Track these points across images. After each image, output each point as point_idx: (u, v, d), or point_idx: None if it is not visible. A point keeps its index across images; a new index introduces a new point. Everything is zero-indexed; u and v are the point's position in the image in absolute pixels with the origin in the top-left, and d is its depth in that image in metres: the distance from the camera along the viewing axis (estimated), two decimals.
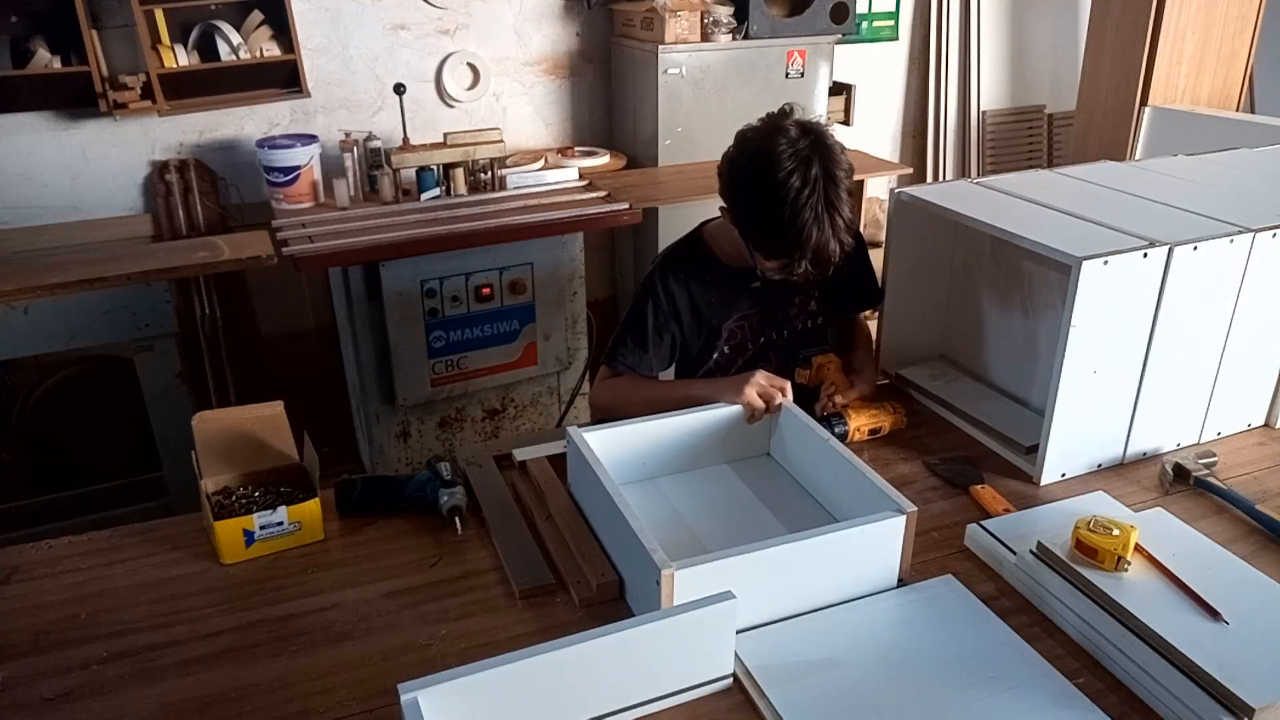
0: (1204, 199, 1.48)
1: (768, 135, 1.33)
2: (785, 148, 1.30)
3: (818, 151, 1.31)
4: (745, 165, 1.35)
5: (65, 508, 2.52)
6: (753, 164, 1.33)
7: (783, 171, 1.29)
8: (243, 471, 1.28)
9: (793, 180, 1.28)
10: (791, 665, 1.00)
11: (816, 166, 1.29)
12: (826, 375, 1.51)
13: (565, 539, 1.20)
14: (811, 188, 1.29)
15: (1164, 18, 3.20)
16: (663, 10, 2.97)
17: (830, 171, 1.31)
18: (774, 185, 1.29)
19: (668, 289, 1.52)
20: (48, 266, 2.26)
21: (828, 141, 1.33)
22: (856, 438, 1.43)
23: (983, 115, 4.08)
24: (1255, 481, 1.35)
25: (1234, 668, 0.92)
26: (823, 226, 1.30)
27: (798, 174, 1.29)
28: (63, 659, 1.03)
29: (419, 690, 0.82)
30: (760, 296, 1.54)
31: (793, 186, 1.28)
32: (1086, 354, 1.28)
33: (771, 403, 1.34)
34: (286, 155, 2.66)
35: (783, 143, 1.31)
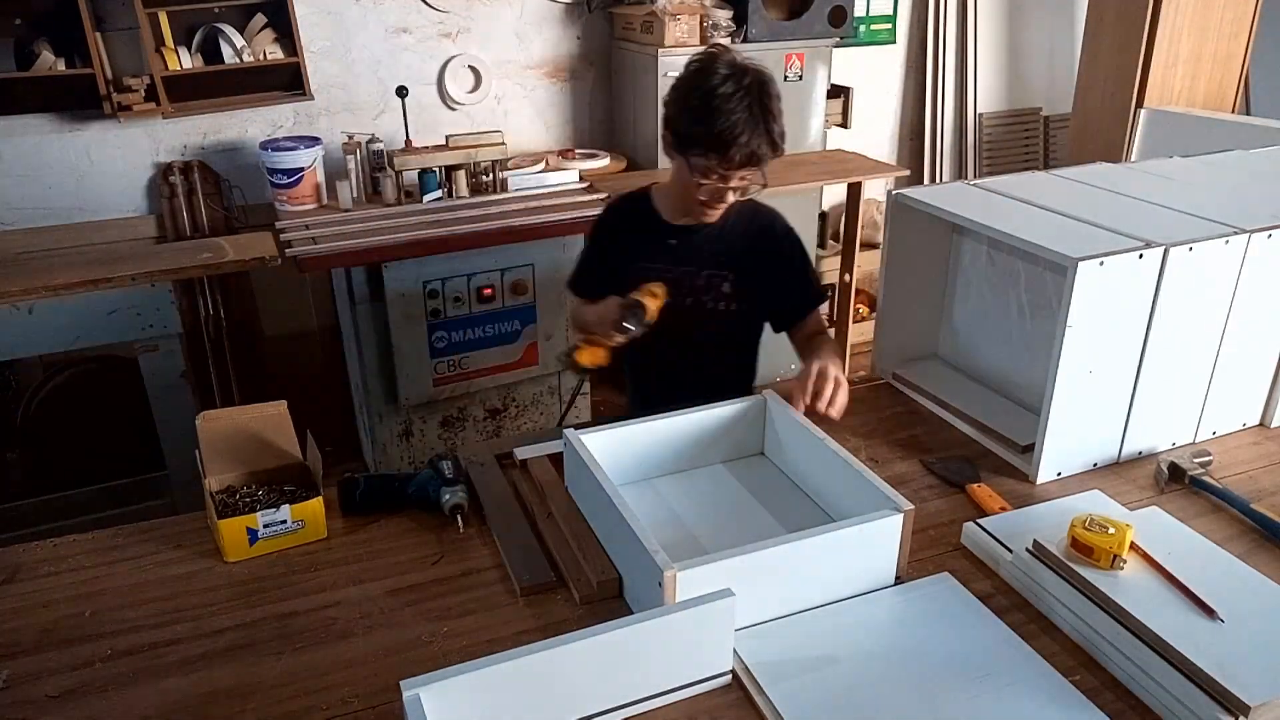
0: (1199, 200, 1.48)
1: (707, 56, 1.46)
2: (722, 66, 1.42)
3: (752, 69, 1.43)
4: (685, 77, 1.46)
5: (69, 507, 2.52)
6: (691, 75, 1.45)
7: (717, 77, 1.40)
8: (246, 470, 1.29)
9: (726, 85, 1.39)
10: (790, 663, 1.01)
11: (750, 77, 1.41)
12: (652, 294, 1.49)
13: (566, 537, 1.21)
14: (745, 91, 1.39)
15: (1160, 20, 3.21)
16: (662, 14, 2.98)
17: (763, 83, 1.42)
18: (709, 89, 1.40)
19: (608, 222, 1.72)
20: (52, 267, 2.27)
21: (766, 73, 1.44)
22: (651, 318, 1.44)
23: (979, 118, 4.09)
24: (1250, 480, 1.36)
25: (1230, 665, 0.93)
26: (756, 125, 1.39)
27: (732, 80, 1.40)
28: (67, 657, 1.03)
29: (421, 687, 0.83)
30: (674, 255, 1.61)
31: (726, 89, 1.39)
32: (1082, 354, 1.28)
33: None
34: (290, 157, 2.67)
35: (720, 62, 1.43)
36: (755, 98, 1.39)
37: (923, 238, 1.62)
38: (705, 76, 1.41)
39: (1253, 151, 1.87)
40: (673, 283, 1.57)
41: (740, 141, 1.39)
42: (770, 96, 1.41)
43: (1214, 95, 3.46)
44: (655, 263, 1.60)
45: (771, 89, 1.43)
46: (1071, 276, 1.22)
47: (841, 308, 3.49)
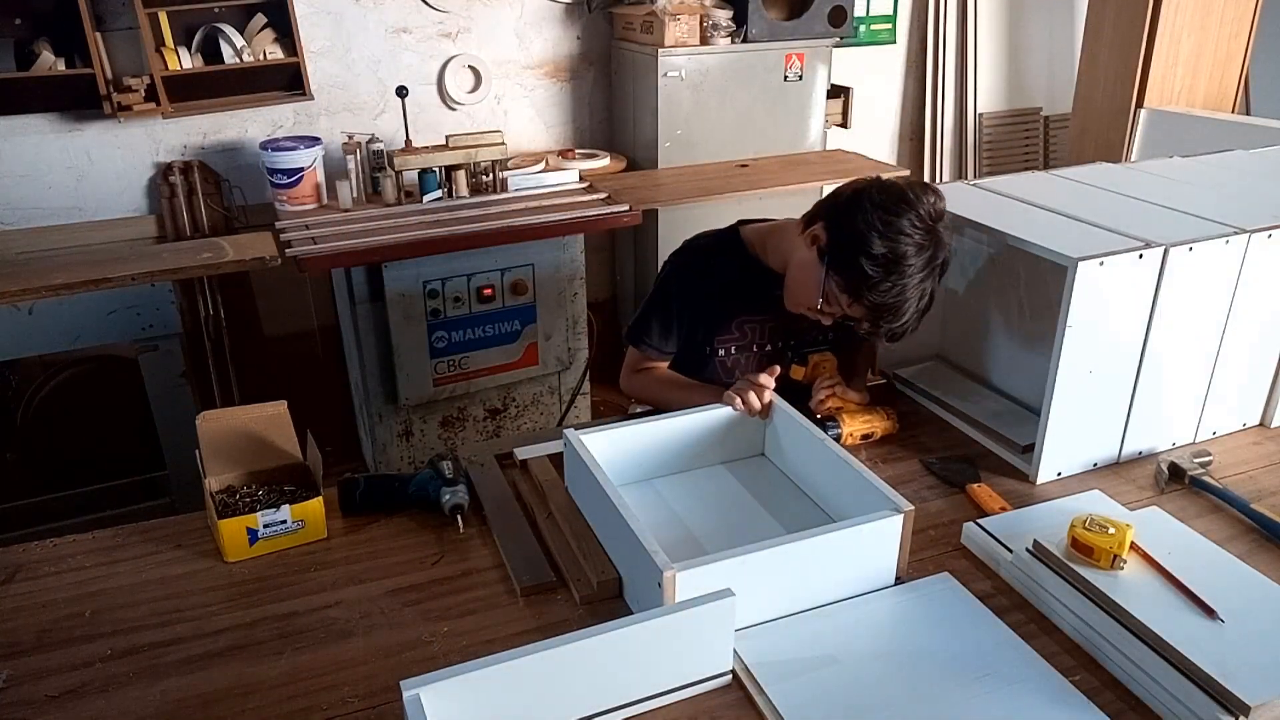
0: (1199, 200, 1.48)
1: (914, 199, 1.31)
2: (927, 214, 1.29)
3: (945, 239, 1.32)
4: (880, 204, 1.30)
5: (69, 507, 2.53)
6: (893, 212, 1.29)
7: (911, 245, 1.27)
8: (246, 470, 1.29)
9: (922, 256, 1.28)
10: (790, 662, 1.01)
11: (944, 254, 1.31)
12: (822, 373, 1.51)
13: (566, 537, 1.21)
14: (929, 271, 1.30)
15: (1160, 20, 3.21)
16: (662, 14, 2.98)
17: (945, 263, 1.33)
18: (899, 255, 1.27)
19: (694, 270, 1.53)
20: (52, 267, 2.27)
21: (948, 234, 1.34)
22: (849, 442, 1.43)
23: (979, 118, 4.10)
24: (1250, 480, 1.36)
25: (1230, 665, 0.93)
26: (918, 306, 1.31)
27: (926, 252, 1.29)
28: (67, 657, 1.03)
29: (421, 687, 0.83)
30: (781, 306, 1.51)
31: (919, 263, 1.28)
32: (1082, 354, 1.28)
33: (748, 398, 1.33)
34: (290, 157, 2.67)
35: (925, 209, 1.29)
36: (931, 281, 1.30)
37: None
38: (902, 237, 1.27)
39: (1253, 151, 1.87)
40: (776, 330, 1.55)
41: (890, 318, 1.30)
42: (939, 279, 1.32)
43: (1214, 95, 3.46)
44: (760, 314, 1.53)
45: (943, 268, 1.33)
46: (1071, 276, 1.22)
47: None
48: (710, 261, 1.54)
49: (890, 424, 1.47)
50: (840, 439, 1.42)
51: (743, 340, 1.57)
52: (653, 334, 1.55)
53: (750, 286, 1.53)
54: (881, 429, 1.46)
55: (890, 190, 1.32)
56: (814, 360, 1.53)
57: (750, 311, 1.55)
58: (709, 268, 1.54)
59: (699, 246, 1.57)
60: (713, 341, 1.56)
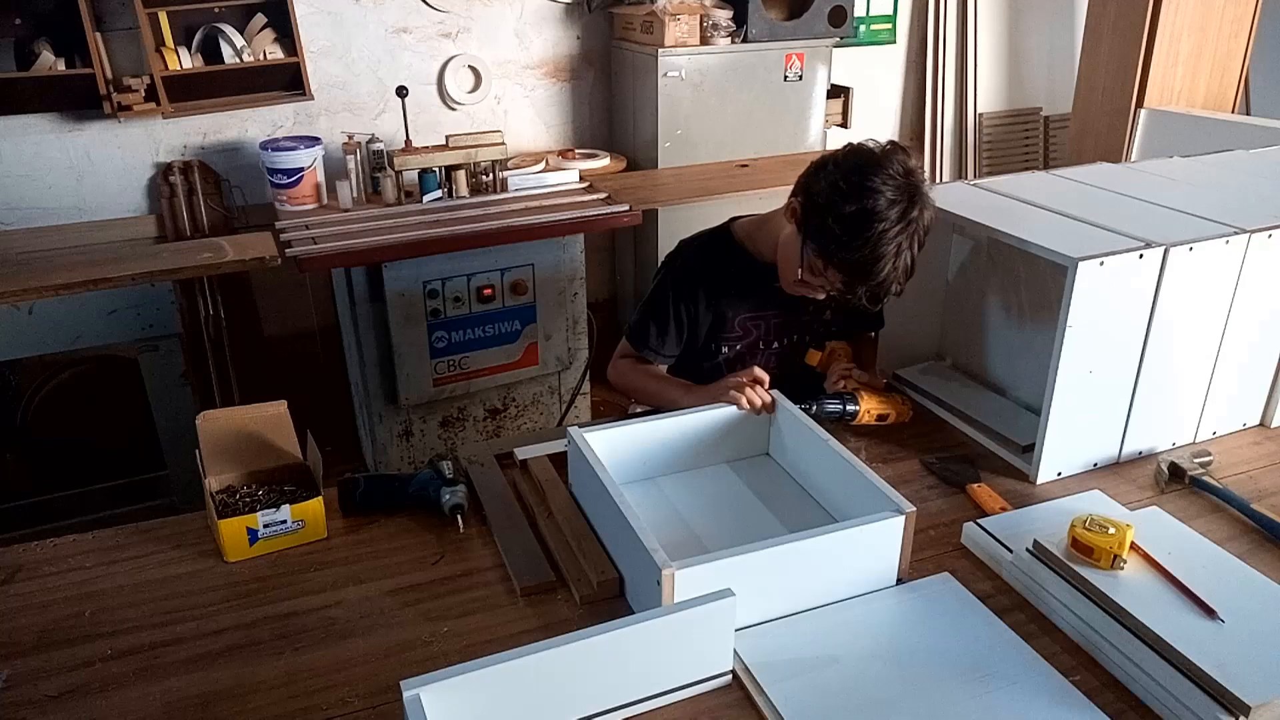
0: (1199, 200, 1.48)
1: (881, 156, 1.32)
2: (897, 172, 1.29)
3: (921, 194, 1.30)
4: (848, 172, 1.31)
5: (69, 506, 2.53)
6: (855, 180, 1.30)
7: (883, 200, 1.27)
8: (246, 470, 1.29)
9: (894, 210, 1.27)
10: (790, 662, 1.01)
11: (918, 209, 1.29)
12: (838, 358, 1.53)
13: (566, 537, 1.21)
14: (904, 225, 1.28)
15: (1160, 20, 3.21)
16: (662, 14, 2.98)
17: (926, 221, 1.31)
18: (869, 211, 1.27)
19: (691, 272, 1.53)
20: (52, 267, 2.27)
21: (926, 188, 1.32)
22: (865, 419, 1.44)
23: (979, 118, 4.10)
24: (1250, 480, 1.36)
25: (1230, 665, 0.93)
26: (896, 265, 1.30)
27: (899, 205, 1.28)
28: (67, 657, 1.03)
29: (421, 687, 0.83)
30: (780, 299, 1.52)
31: (892, 216, 1.27)
32: (1083, 354, 1.28)
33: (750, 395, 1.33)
34: (290, 157, 2.67)
35: (895, 168, 1.29)
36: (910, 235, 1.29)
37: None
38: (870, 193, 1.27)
39: (1253, 151, 1.87)
40: (781, 326, 1.55)
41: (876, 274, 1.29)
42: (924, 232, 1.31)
43: (1214, 95, 3.46)
44: (760, 311, 1.53)
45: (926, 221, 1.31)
46: (1071, 276, 1.22)
47: None
48: (705, 262, 1.54)
49: (906, 409, 1.48)
50: (857, 415, 1.43)
51: (747, 338, 1.57)
52: (650, 338, 1.55)
53: (747, 284, 1.53)
54: (896, 413, 1.47)
55: (858, 152, 1.34)
56: (830, 346, 1.53)
57: (750, 309, 1.55)
58: (704, 269, 1.53)
59: (692, 247, 1.57)
60: (716, 341, 1.56)
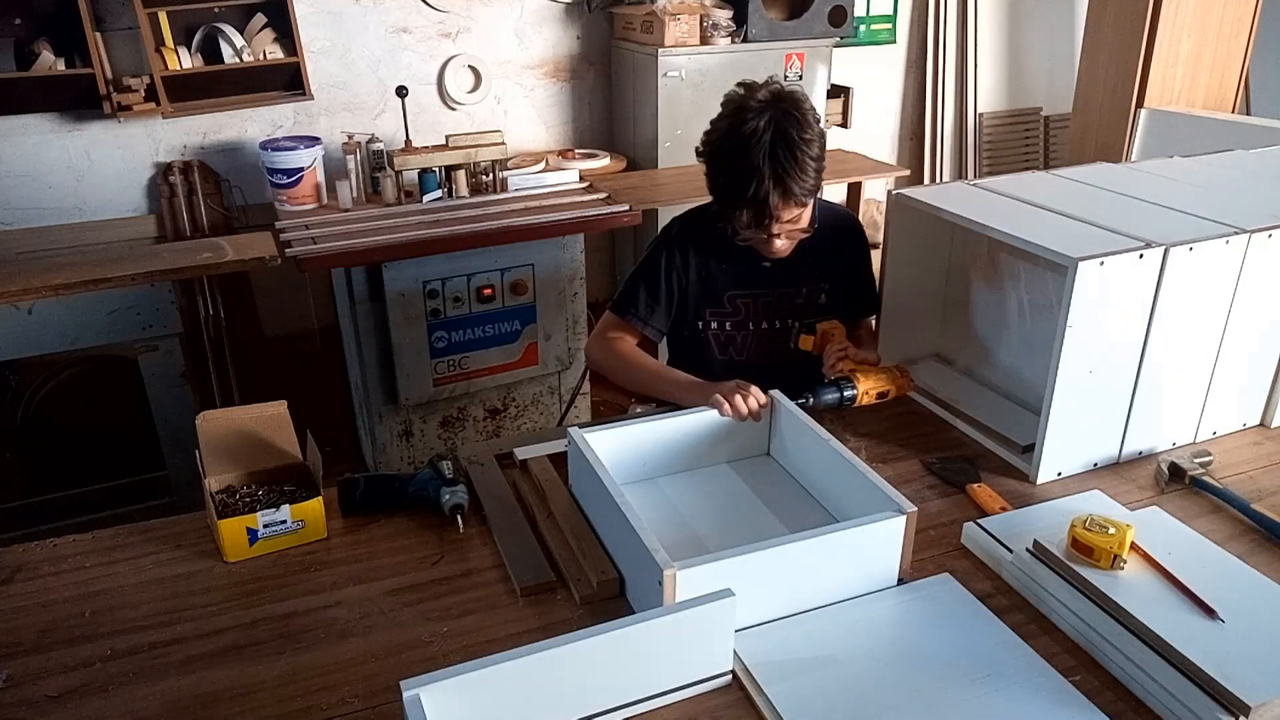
0: (1199, 200, 1.48)
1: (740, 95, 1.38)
2: (751, 103, 1.35)
3: (778, 108, 1.34)
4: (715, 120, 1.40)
5: (69, 506, 2.52)
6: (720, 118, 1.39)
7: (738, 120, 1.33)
8: (246, 470, 1.29)
9: (744, 129, 1.32)
10: (790, 663, 1.01)
11: (768, 119, 1.33)
12: (831, 340, 1.50)
13: (566, 537, 1.21)
14: (759, 137, 1.32)
15: (1160, 20, 3.21)
16: (662, 13, 2.98)
17: (784, 128, 1.33)
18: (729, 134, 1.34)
19: (684, 244, 1.53)
20: (52, 267, 2.27)
21: (792, 103, 1.36)
22: (865, 401, 1.42)
23: (979, 118, 4.10)
24: (1250, 480, 1.36)
25: (1230, 665, 0.93)
26: (763, 178, 1.32)
27: (750, 124, 1.33)
28: (67, 657, 1.03)
29: (421, 687, 0.83)
30: (774, 279, 1.53)
31: (742, 134, 1.32)
32: (1083, 354, 1.28)
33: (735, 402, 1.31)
34: (290, 157, 2.67)
35: (751, 100, 1.36)
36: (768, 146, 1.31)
37: (923, 238, 1.62)
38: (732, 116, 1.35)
39: (1253, 151, 1.87)
40: (772, 306, 1.54)
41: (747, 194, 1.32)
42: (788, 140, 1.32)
43: (1214, 95, 3.46)
44: (750, 289, 1.53)
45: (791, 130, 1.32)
46: (1072, 276, 1.22)
47: None
48: (699, 235, 1.54)
49: (906, 381, 1.46)
50: (855, 399, 1.41)
51: (736, 316, 1.56)
52: (639, 305, 1.53)
53: (739, 260, 1.53)
54: (896, 387, 1.46)
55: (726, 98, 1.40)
56: (822, 329, 1.52)
57: (740, 286, 1.54)
58: (698, 241, 1.54)
59: (686, 221, 1.58)
60: (704, 315, 1.54)
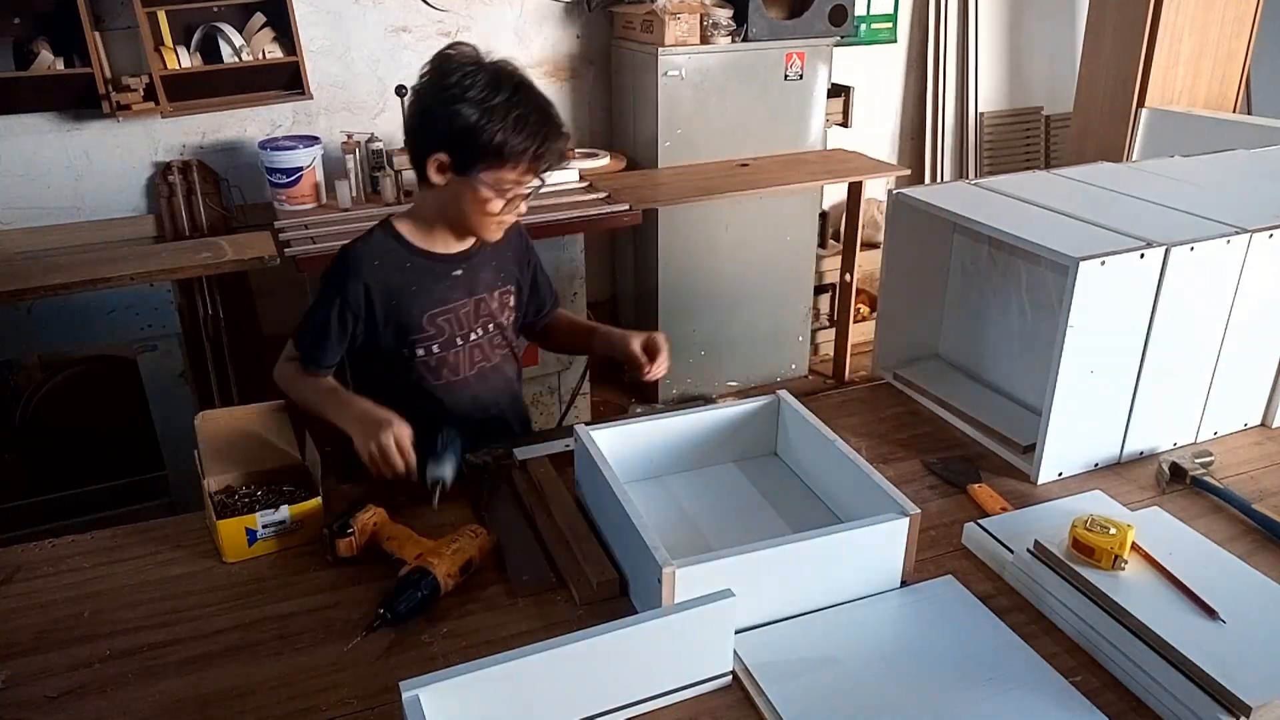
0: (1201, 200, 1.48)
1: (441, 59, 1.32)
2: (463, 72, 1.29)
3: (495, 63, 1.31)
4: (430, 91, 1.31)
5: (68, 507, 2.52)
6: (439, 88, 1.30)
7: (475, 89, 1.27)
8: (245, 471, 1.29)
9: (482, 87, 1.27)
10: (790, 664, 1.00)
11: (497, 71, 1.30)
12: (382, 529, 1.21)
13: (566, 537, 1.21)
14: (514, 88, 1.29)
15: (1161, 19, 3.21)
16: (662, 13, 2.98)
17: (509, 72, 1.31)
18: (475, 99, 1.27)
19: (359, 281, 1.40)
20: (51, 267, 2.27)
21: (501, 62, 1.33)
22: (451, 585, 1.11)
23: (980, 117, 4.09)
24: (1252, 481, 1.36)
25: (1231, 666, 0.93)
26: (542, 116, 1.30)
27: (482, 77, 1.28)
28: (66, 657, 1.03)
29: (420, 688, 0.82)
30: (467, 287, 1.45)
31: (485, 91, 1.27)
32: (1084, 354, 1.28)
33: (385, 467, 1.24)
34: (289, 156, 2.67)
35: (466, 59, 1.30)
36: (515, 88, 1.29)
37: (923, 237, 1.62)
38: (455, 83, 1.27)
39: (1254, 151, 1.86)
40: (469, 315, 1.47)
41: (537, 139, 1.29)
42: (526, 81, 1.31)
43: (1215, 95, 3.46)
44: (446, 303, 1.45)
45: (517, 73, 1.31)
46: (1072, 276, 1.22)
47: (842, 308, 3.49)
48: (374, 268, 1.41)
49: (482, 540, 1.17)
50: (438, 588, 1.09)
51: (441, 336, 1.46)
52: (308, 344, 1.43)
53: (425, 278, 1.43)
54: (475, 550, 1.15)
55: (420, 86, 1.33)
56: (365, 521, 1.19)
57: (436, 304, 1.44)
58: (369, 270, 1.41)
59: (357, 255, 1.43)
60: (409, 345, 1.44)
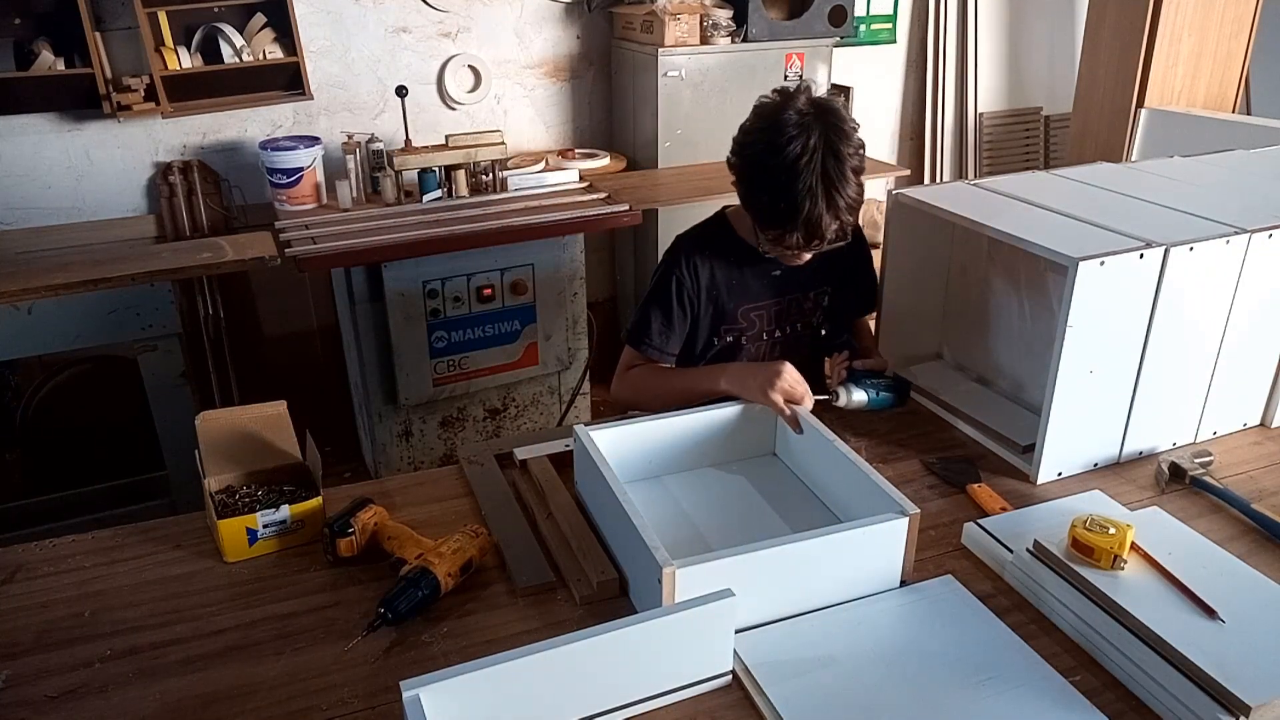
0: (1200, 200, 1.48)
1: (778, 102, 1.34)
2: (792, 115, 1.30)
3: (822, 122, 1.30)
4: (751, 131, 1.36)
5: (69, 507, 2.52)
6: (758, 130, 1.34)
7: (784, 138, 1.29)
8: (245, 470, 1.29)
9: (791, 147, 1.28)
10: (790, 663, 1.00)
11: (817, 137, 1.29)
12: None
13: (566, 537, 1.21)
14: (809, 157, 1.28)
15: (1160, 20, 3.21)
16: (662, 13, 2.98)
17: (833, 144, 1.29)
18: (773, 150, 1.29)
19: (691, 264, 1.50)
20: (52, 267, 2.27)
21: (835, 116, 1.32)
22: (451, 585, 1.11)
23: (980, 117, 4.09)
24: (1251, 480, 1.36)
25: (1230, 666, 0.93)
26: (815, 199, 1.29)
27: (798, 142, 1.28)
28: (66, 657, 1.03)
29: (421, 687, 0.82)
30: (782, 286, 1.52)
31: (790, 153, 1.28)
32: (1083, 354, 1.28)
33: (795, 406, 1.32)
34: (289, 157, 2.67)
35: (790, 111, 1.31)
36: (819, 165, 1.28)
37: (923, 238, 1.62)
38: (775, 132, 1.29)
39: (1253, 151, 1.86)
40: (782, 313, 1.54)
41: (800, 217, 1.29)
42: (839, 158, 1.29)
43: (1214, 95, 3.46)
44: (762, 300, 1.53)
45: (842, 147, 1.29)
46: (1072, 276, 1.22)
47: None
48: (704, 255, 1.52)
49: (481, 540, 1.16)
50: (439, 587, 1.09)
51: (750, 330, 1.56)
52: (653, 334, 1.52)
53: (747, 273, 1.52)
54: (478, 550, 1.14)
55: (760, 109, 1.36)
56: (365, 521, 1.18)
57: (752, 299, 1.53)
58: (704, 261, 1.52)
59: (691, 240, 1.55)
60: (719, 331, 1.54)
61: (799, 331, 1.59)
